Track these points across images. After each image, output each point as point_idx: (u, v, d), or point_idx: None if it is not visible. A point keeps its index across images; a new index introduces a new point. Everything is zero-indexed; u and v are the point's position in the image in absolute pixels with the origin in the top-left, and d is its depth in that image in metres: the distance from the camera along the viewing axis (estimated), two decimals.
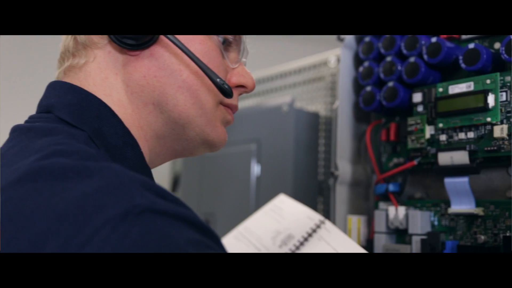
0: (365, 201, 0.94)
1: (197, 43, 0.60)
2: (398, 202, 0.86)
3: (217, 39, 0.62)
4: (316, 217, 0.89)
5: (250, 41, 0.69)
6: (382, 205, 0.89)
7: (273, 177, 1.21)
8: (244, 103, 1.45)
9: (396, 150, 0.89)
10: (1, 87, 1.94)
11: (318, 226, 0.88)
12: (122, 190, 0.43)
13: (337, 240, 0.82)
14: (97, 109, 0.57)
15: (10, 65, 2.08)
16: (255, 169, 1.25)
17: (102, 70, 0.59)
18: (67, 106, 0.56)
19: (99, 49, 0.59)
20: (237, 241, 0.93)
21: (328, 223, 0.86)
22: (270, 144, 1.23)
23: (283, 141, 1.19)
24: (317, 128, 1.21)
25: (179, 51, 0.58)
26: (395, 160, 0.89)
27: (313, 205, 1.16)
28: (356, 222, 0.91)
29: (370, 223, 0.91)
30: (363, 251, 0.79)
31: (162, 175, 1.76)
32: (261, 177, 1.24)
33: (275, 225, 0.90)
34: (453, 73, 0.83)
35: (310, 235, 0.87)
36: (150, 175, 0.60)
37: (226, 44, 0.64)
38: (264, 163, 1.24)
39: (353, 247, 0.78)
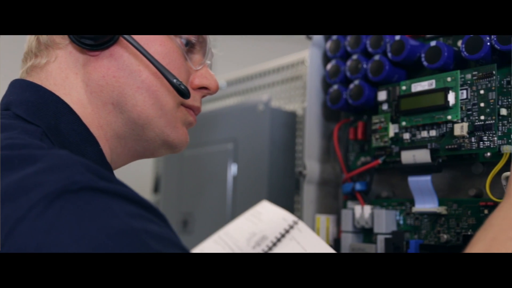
0: (335, 200, 0.94)
1: (157, 44, 0.60)
2: (365, 201, 0.86)
3: (179, 41, 0.62)
4: (290, 218, 0.88)
5: (228, 40, 0.68)
6: (350, 204, 0.88)
7: (249, 177, 1.21)
8: (224, 102, 1.45)
9: (364, 148, 0.89)
10: None
11: (291, 227, 0.88)
12: (62, 169, 0.44)
13: (307, 240, 0.82)
14: (55, 106, 0.57)
15: None
16: (232, 168, 1.25)
17: (63, 70, 0.59)
18: (24, 103, 0.57)
19: (60, 49, 0.59)
20: (216, 244, 0.92)
21: (301, 224, 0.86)
22: (247, 144, 1.22)
23: (259, 141, 1.19)
24: (294, 127, 1.21)
25: (138, 52, 0.58)
26: (363, 159, 0.89)
27: (290, 204, 1.16)
28: (325, 221, 0.91)
29: (339, 222, 0.90)
30: (331, 251, 0.78)
31: (145, 176, 1.76)
32: (237, 176, 1.23)
33: (252, 228, 0.91)
34: (418, 71, 0.82)
35: (283, 235, 0.87)
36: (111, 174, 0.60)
37: (189, 46, 0.64)
38: (241, 163, 1.23)
39: (322, 247, 0.78)
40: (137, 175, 2.11)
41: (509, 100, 0.72)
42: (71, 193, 0.42)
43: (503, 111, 0.71)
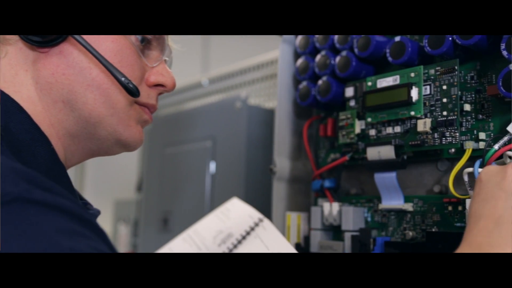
0: (306, 198, 0.93)
1: (108, 41, 0.59)
2: (335, 199, 0.85)
3: (133, 38, 0.61)
4: (256, 215, 0.88)
5: (212, 38, 0.68)
6: (320, 201, 0.88)
7: (227, 175, 1.20)
8: (206, 100, 1.45)
9: (334, 145, 0.88)
10: None
11: (257, 224, 0.87)
12: None
13: (270, 238, 0.81)
14: (4, 104, 0.56)
15: None
16: (211, 166, 1.24)
17: (13, 66, 0.58)
18: None
19: (10, 45, 0.58)
20: (184, 242, 0.92)
21: (266, 222, 0.85)
22: (225, 141, 1.22)
23: (237, 138, 1.18)
24: (271, 125, 1.20)
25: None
26: (332, 156, 0.88)
27: (267, 202, 1.15)
28: (296, 218, 0.90)
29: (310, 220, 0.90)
30: (292, 250, 0.78)
31: (130, 176, 1.76)
32: (216, 174, 1.23)
33: (219, 225, 0.90)
34: (386, 67, 0.82)
35: (248, 233, 0.86)
36: (63, 172, 0.59)
37: (145, 43, 0.63)
38: (219, 161, 1.23)
39: (284, 246, 0.78)
40: (123, 173, 2.11)
41: (473, 95, 0.71)
42: (2, 204, 0.41)
43: (467, 107, 0.71)
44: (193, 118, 1.34)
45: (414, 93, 0.72)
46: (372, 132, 0.78)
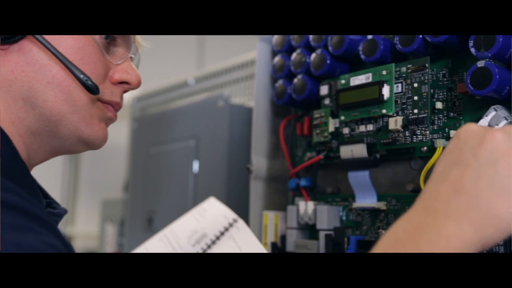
0: (284, 197, 0.93)
1: (69, 38, 0.58)
2: (311, 197, 0.85)
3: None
4: (230, 216, 0.88)
5: (204, 37, 0.68)
6: (297, 200, 0.87)
7: (209, 174, 1.20)
8: (192, 99, 1.44)
9: (310, 144, 0.88)
10: None
11: (231, 225, 0.87)
12: None
13: (243, 239, 0.81)
14: None
15: None
16: (194, 166, 1.24)
17: None
18: None
19: None
20: (160, 242, 0.92)
21: (240, 222, 0.85)
22: (208, 141, 1.21)
23: (219, 137, 1.18)
24: None
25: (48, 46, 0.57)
26: (309, 154, 0.88)
27: (247, 201, 1.15)
28: (273, 217, 0.90)
29: None
30: (263, 250, 0.78)
31: (119, 176, 1.76)
32: (199, 174, 1.23)
33: (195, 225, 0.90)
34: (361, 65, 0.81)
35: (222, 233, 0.86)
36: (24, 170, 0.59)
37: (110, 40, 0.62)
38: (202, 160, 1.22)
39: (256, 247, 0.77)
40: (112, 174, 2.11)
41: (445, 93, 0.70)
42: None
43: (439, 105, 0.70)
44: (177, 117, 1.33)
45: (386, 91, 0.72)
46: (346, 130, 0.78)
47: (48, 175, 2.10)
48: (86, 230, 2.40)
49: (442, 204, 0.47)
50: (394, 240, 0.48)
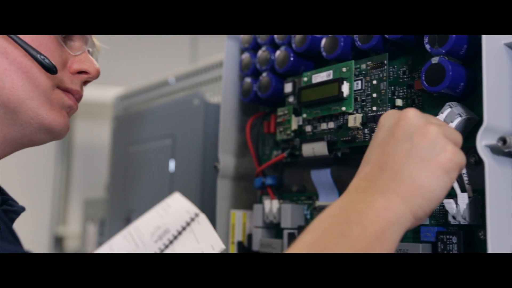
0: (252, 195, 0.92)
1: None
2: (277, 196, 0.84)
3: None
4: (192, 210, 0.87)
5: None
6: (264, 199, 0.87)
7: (185, 172, 1.19)
8: (171, 98, 1.44)
9: (277, 142, 0.87)
10: None
11: (192, 219, 0.86)
12: None
13: (202, 233, 0.81)
14: None
15: None
16: (170, 165, 1.23)
17: None
18: None
19: None
20: (123, 239, 0.91)
21: (201, 216, 0.84)
22: (183, 139, 1.21)
23: (194, 136, 1.17)
24: None
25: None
26: (275, 153, 0.87)
27: None
28: (241, 216, 0.89)
29: None
30: (220, 245, 0.77)
31: (102, 176, 1.75)
32: (175, 173, 1.22)
33: (158, 221, 0.89)
34: (325, 62, 0.80)
35: (184, 228, 0.86)
36: None
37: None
38: (178, 159, 1.22)
39: (214, 241, 0.76)
40: (95, 175, 2.11)
41: (405, 90, 0.70)
42: None
43: (399, 102, 0.70)
44: (155, 116, 1.33)
45: (345, 88, 0.71)
46: (308, 128, 0.77)
47: (39, 174, 2.09)
48: (79, 230, 2.39)
49: (369, 182, 0.51)
50: (327, 215, 0.50)
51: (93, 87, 1.51)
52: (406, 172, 0.49)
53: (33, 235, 2.02)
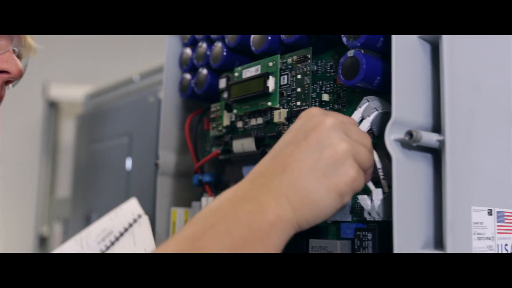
0: (194, 193, 0.91)
1: None
2: (215, 193, 0.83)
3: None
4: (137, 212, 0.86)
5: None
6: (204, 196, 0.85)
7: (140, 171, 1.18)
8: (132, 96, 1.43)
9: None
10: None
11: (135, 221, 0.85)
12: None
13: (140, 235, 0.80)
14: None
15: None
16: (127, 163, 1.22)
17: None
18: None
19: None
20: (74, 242, 0.90)
21: (143, 218, 0.84)
22: (139, 137, 1.20)
23: (149, 133, 1.16)
24: None
25: None
26: (215, 149, 0.86)
27: None
28: (182, 214, 0.88)
29: None
30: (152, 246, 0.76)
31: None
32: (131, 171, 1.21)
33: (107, 224, 0.88)
34: (259, 57, 0.79)
35: (126, 230, 0.85)
36: None
37: None
38: (134, 157, 1.21)
39: (149, 243, 0.76)
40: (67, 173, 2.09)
41: (332, 85, 0.68)
42: None
43: (325, 97, 0.68)
44: (114, 114, 1.32)
45: (271, 83, 0.70)
46: (240, 124, 0.76)
47: (24, 173, 2.08)
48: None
49: (267, 180, 0.49)
50: (216, 208, 0.48)
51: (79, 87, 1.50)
52: (305, 184, 0.48)
53: (17, 235, 2.01)
